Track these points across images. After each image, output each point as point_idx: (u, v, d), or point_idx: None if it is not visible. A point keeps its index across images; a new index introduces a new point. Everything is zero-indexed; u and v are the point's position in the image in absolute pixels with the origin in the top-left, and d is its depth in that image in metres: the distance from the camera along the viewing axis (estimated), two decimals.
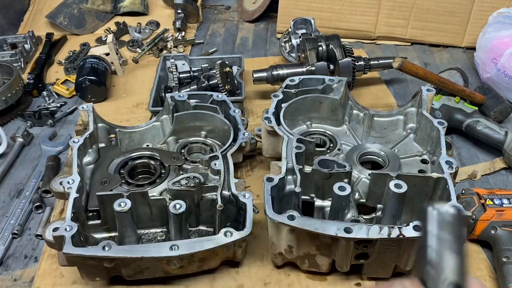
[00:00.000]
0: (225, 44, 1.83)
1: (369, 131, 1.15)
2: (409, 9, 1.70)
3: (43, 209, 1.10)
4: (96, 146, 1.07)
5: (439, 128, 1.00)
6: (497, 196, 0.98)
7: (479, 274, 0.94)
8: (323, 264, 0.89)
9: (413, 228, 0.79)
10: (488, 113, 1.27)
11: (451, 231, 0.24)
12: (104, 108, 1.40)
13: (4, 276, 0.96)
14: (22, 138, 1.29)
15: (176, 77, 1.43)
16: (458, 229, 0.25)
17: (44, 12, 1.91)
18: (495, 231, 0.94)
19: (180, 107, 1.15)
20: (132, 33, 1.82)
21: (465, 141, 1.29)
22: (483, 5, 1.64)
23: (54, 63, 1.68)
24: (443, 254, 0.24)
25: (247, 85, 1.43)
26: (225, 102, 1.15)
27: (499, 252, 0.92)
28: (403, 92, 1.51)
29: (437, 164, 0.93)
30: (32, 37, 1.72)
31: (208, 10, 2.08)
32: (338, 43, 1.39)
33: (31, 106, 1.46)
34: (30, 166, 1.24)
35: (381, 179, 0.91)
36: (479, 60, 1.50)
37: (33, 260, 0.99)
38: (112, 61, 1.56)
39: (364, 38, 1.79)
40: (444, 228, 0.24)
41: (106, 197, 0.89)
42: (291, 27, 1.59)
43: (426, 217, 0.25)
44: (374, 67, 1.47)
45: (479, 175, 1.17)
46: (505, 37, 1.39)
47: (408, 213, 0.94)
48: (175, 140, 1.14)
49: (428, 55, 1.71)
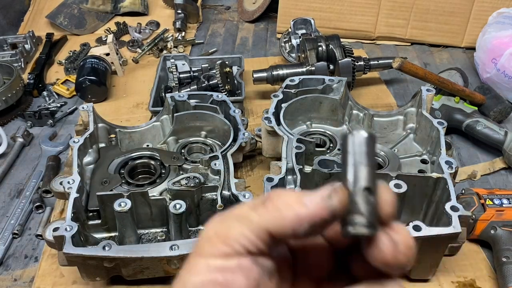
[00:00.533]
0: (225, 44, 1.83)
1: (369, 131, 1.15)
2: (409, 9, 1.70)
3: (43, 209, 1.10)
4: (96, 146, 1.07)
5: (439, 128, 1.00)
6: (497, 196, 0.98)
7: (478, 274, 0.94)
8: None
9: (412, 228, 0.79)
10: (488, 113, 1.27)
11: (363, 149, 0.31)
12: (104, 108, 1.41)
13: (4, 276, 0.96)
14: (22, 138, 1.29)
15: (176, 77, 1.43)
16: (369, 148, 0.31)
17: (44, 12, 1.91)
18: (495, 231, 0.94)
19: (180, 107, 1.15)
20: (132, 33, 1.82)
21: (465, 141, 1.29)
22: (483, 5, 1.64)
23: (54, 63, 1.68)
24: (357, 167, 0.30)
25: (247, 85, 1.43)
26: (225, 102, 1.15)
27: (499, 252, 0.92)
28: (403, 92, 1.52)
29: (437, 164, 0.94)
30: (32, 37, 1.73)
31: (208, 10, 2.08)
32: (338, 43, 1.39)
33: (31, 106, 1.46)
34: (30, 166, 1.24)
35: (381, 179, 0.90)
36: (479, 60, 1.50)
37: (33, 260, 0.99)
38: (112, 61, 1.56)
39: (364, 38, 1.79)
40: (358, 147, 0.31)
41: (106, 197, 0.89)
42: (291, 27, 1.59)
43: (345, 141, 0.32)
44: (374, 67, 1.47)
45: (479, 175, 1.17)
46: (505, 37, 1.39)
47: (407, 213, 0.94)
48: (175, 140, 1.14)
49: (428, 55, 1.71)
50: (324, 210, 0.29)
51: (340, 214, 0.29)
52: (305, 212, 0.28)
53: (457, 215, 0.81)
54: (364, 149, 0.31)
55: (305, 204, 0.28)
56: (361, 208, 0.29)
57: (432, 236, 0.79)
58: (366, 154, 0.31)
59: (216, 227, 0.30)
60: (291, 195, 0.29)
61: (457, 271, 0.94)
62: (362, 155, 0.31)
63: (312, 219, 0.28)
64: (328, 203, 0.29)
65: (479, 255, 0.97)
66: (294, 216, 0.28)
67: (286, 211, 0.28)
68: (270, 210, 0.29)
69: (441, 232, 0.79)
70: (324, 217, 0.29)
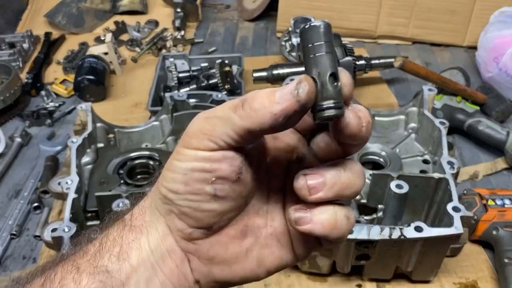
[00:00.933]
0: (225, 43, 1.82)
1: None
2: (411, 8, 1.69)
3: (41, 209, 1.09)
4: (94, 146, 1.06)
5: (441, 128, 0.99)
6: (499, 197, 0.98)
7: (480, 275, 0.93)
8: (324, 265, 0.89)
9: (414, 229, 0.79)
10: (490, 113, 1.26)
11: (321, 39, 0.32)
12: (103, 108, 1.40)
13: (2, 277, 0.95)
14: (20, 138, 1.29)
15: (176, 76, 1.42)
16: (326, 36, 0.33)
17: (42, 11, 1.90)
18: (497, 232, 0.94)
19: (179, 106, 1.14)
20: (131, 32, 1.81)
21: (467, 141, 1.28)
22: (484, 4, 1.63)
23: (53, 62, 1.67)
24: (319, 57, 0.32)
25: (247, 85, 1.42)
26: (225, 101, 1.14)
27: (501, 253, 0.91)
28: (404, 91, 1.51)
29: (438, 165, 0.93)
30: (30, 36, 1.72)
31: (208, 9, 2.07)
32: (338, 42, 1.38)
33: (30, 106, 1.45)
34: (28, 166, 1.23)
35: (382, 180, 0.90)
36: (481, 60, 1.49)
37: (32, 261, 0.98)
38: (111, 60, 1.55)
39: (365, 37, 1.78)
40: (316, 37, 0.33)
41: (105, 197, 0.88)
42: (292, 26, 1.58)
43: (303, 34, 0.33)
44: (375, 66, 1.46)
45: (481, 175, 1.16)
46: (507, 36, 1.38)
47: (409, 214, 0.94)
48: (175, 140, 1.13)
49: (430, 55, 1.71)
50: (294, 103, 0.32)
51: (310, 103, 0.32)
52: (278, 108, 0.31)
53: (459, 215, 0.80)
54: (322, 38, 0.32)
55: (278, 102, 0.31)
56: (330, 93, 0.32)
57: (434, 237, 0.79)
58: (324, 42, 0.32)
59: (201, 125, 0.34)
60: (264, 96, 0.32)
61: (458, 272, 0.93)
62: (322, 45, 0.32)
63: (286, 113, 0.32)
64: (297, 97, 0.31)
65: (481, 256, 0.97)
66: (270, 114, 0.31)
67: (263, 111, 0.32)
68: (249, 112, 0.32)
69: (442, 233, 0.79)
70: (296, 110, 0.32)
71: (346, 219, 0.35)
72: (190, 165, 0.34)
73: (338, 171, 0.34)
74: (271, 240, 0.38)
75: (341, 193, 0.34)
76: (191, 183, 0.34)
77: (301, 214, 0.34)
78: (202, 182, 0.34)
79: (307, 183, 0.34)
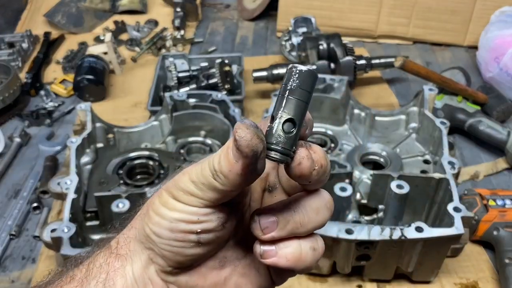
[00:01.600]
0: (225, 43, 1.82)
1: (370, 131, 1.14)
2: (411, 8, 1.69)
3: (40, 209, 1.09)
4: (94, 146, 1.05)
5: (441, 128, 0.99)
6: (500, 197, 0.97)
7: (481, 275, 0.93)
8: (324, 266, 0.88)
9: (415, 229, 0.78)
10: (491, 112, 1.26)
11: (300, 84, 0.32)
12: (102, 107, 1.39)
13: (2, 277, 0.95)
14: (19, 138, 1.28)
15: (175, 76, 1.42)
16: (307, 84, 0.33)
17: (42, 11, 1.90)
18: (498, 232, 0.93)
19: (179, 106, 1.14)
20: (130, 32, 1.81)
21: (467, 141, 1.28)
22: (485, 4, 1.63)
23: (52, 62, 1.66)
24: (288, 98, 0.32)
25: (247, 84, 1.42)
26: (225, 101, 1.14)
27: (502, 253, 0.91)
28: (405, 91, 1.50)
29: (439, 165, 0.92)
30: (30, 36, 1.71)
31: (208, 8, 2.07)
32: (339, 42, 1.38)
33: (29, 106, 1.45)
34: (27, 166, 1.23)
35: (382, 180, 0.90)
36: (482, 59, 1.49)
37: (31, 261, 0.98)
38: (110, 60, 1.54)
39: (365, 37, 1.78)
40: (296, 80, 0.32)
41: (104, 197, 0.87)
42: (292, 26, 1.57)
43: (287, 72, 0.33)
44: (376, 66, 1.46)
45: (482, 175, 1.16)
46: (508, 36, 1.38)
47: (409, 214, 0.94)
48: (174, 140, 1.12)
49: (430, 54, 1.70)
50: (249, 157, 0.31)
51: (258, 147, 0.31)
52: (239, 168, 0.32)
53: (459, 216, 0.80)
54: (301, 84, 0.32)
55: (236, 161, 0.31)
56: (280, 138, 0.32)
57: (434, 237, 0.78)
58: (300, 89, 0.32)
59: (189, 187, 0.34)
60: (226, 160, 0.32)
61: (459, 272, 0.93)
62: (296, 90, 0.32)
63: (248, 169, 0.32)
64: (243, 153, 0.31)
65: (482, 256, 0.96)
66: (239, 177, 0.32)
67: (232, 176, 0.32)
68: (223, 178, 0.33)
69: (443, 233, 0.79)
70: (252, 160, 0.32)
71: (311, 251, 0.35)
72: (177, 215, 0.34)
73: (290, 210, 0.35)
74: (249, 269, 0.39)
75: (295, 232, 0.35)
76: (176, 231, 0.35)
77: (266, 247, 0.35)
78: (188, 232, 0.35)
79: (260, 223, 0.35)
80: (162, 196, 0.36)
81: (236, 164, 0.31)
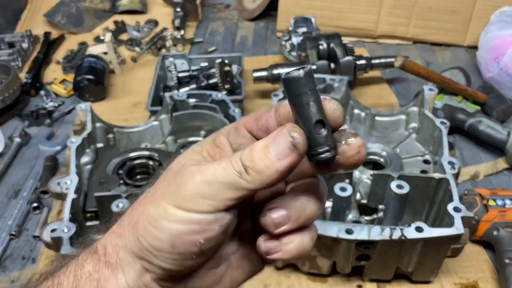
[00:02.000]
0: (225, 43, 1.82)
1: (370, 131, 1.14)
2: (411, 8, 1.69)
3: (40, 209, 1.09)
4: (94, 146, 1.05)
5: (441, 128, 0.99)
6: (500, 197, 0.97)
7: (481, 275, 0.93)
8: (324, 266, 0.88)
9: (415, 229, 0.78)
10: (491, 112, 1.26)
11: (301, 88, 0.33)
12: (102, 107, 1.39)
13: (2, 278, 0.95)
14: (19, 138, 1.28)
15: (175, 76, 1.42)
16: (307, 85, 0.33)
17: (42, 11, 1.90)
18: (498, 232, 0.93)
19: (179, 106, 1.14)
20: (130, 32, 1.81)
21: (468, 141, 1.28)
22: (485, 4, 1.63)
23: (52, 62, 1.66)
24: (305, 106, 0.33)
25: (247, 84, 1.42)
26: (225, 101, 1.14)
27: (502, 254, 0.91)
28: (405, 91, 1.50)
29: (439, 165, 0.92)
30: (30, 36, 1.71)
31: (208, 8, 2.07)
32: (339, 42, 1.38)
33: (29, 106, 1.45)
34: (27, 166, 1.23)
35: (382, 180, 0.90)
36: (482, 59, 1.49)
37: (31, 261, 0.98)
38: (110, 60, 1.54)
39: (365, 37, 1.78)
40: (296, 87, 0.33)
41: (104, 197, 0.87)
42: (292, 26, 1.57)
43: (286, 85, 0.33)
44: (376, 66, 1.46)
45: (482, 175, 1.16)
46: (508, 36, 1.38)
47: (409, 214, 0.94)
48: (174, 140, 1.12)
49: (430, 54, 1.70)
50: (297, 156, 0.33)
51: (304, 153, 0.33)
52: (283, 165, 0.32)
53: (459, 216, 0.80)
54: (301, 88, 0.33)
55: (279, 159, 0.32)
56: (319, 140, 0.33)
57: (434, 237, 0.78)
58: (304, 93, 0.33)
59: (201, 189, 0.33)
60: (261, 155, 0.32)
61: (459, 272, 0.93)
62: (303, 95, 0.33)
63: (290, 167, 0.33)
64: (297, 150, 0.32)
65: (482, 256, 0.96)
66: (276, 173, 0.32)
67: (268, 172, 0.32)
68: (254, 175, 0.32)
69: (443, 233, 0.78)
70: (298, 161, 0.33)
71: (311, 241, 0.37)
72: (180, 227, 0.33)
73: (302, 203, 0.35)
74: (242, 261, 0.40)
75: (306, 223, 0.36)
76: (178, 245, 0.33)
77: (270, 244, 0.35)
78: (190, 245, 0.34)
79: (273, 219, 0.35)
80: (159, 206, 0.34)
81: (279, 162, 0.32)
